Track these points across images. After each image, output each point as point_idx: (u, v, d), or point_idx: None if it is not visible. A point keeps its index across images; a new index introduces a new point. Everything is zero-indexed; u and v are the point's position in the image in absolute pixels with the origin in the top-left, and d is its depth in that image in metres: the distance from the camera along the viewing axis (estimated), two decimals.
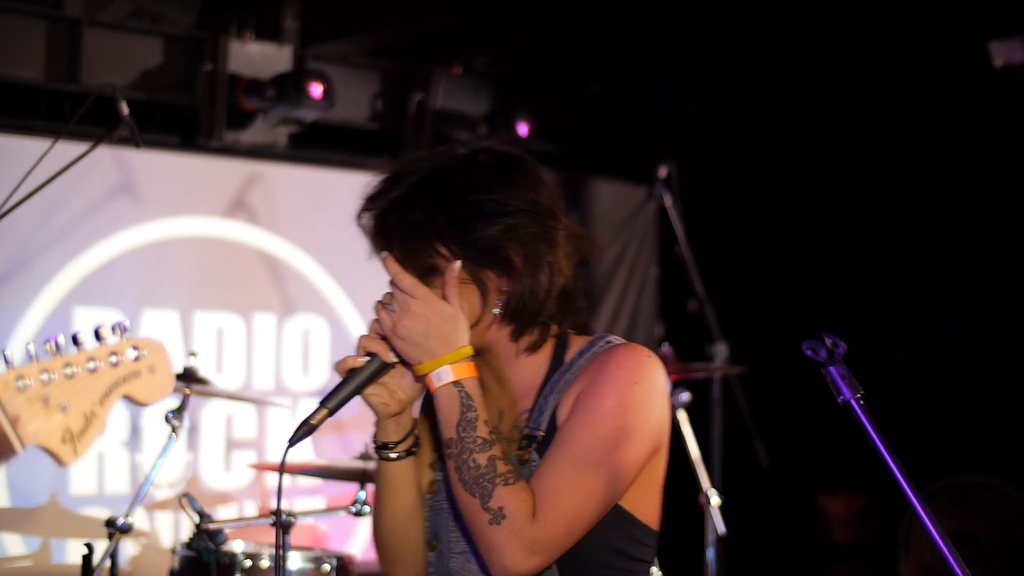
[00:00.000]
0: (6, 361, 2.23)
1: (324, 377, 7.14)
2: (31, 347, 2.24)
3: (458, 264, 2.72)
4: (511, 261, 2.74)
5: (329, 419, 2.84)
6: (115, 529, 4.84)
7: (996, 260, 7.75)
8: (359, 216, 2.84)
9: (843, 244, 8.38)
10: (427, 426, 2.93)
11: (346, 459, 5.48)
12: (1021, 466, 7.46)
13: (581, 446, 2.69)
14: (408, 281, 2.74)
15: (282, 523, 4.74)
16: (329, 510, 5.18)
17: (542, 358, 2.85)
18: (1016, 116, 7.25)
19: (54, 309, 6.41)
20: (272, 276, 7.08)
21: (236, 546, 5.16)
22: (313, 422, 2.72)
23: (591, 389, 2.74)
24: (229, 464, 6.86)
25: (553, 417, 2.78)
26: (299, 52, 6.97)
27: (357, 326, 7.31)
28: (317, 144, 7.32)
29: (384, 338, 2.77)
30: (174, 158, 6.86)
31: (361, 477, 5.07)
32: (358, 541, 7.14)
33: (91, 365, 2.28)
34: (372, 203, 2.81)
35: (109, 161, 6.48)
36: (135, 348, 2.34)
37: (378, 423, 2.86)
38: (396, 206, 2.77)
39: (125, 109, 5.09)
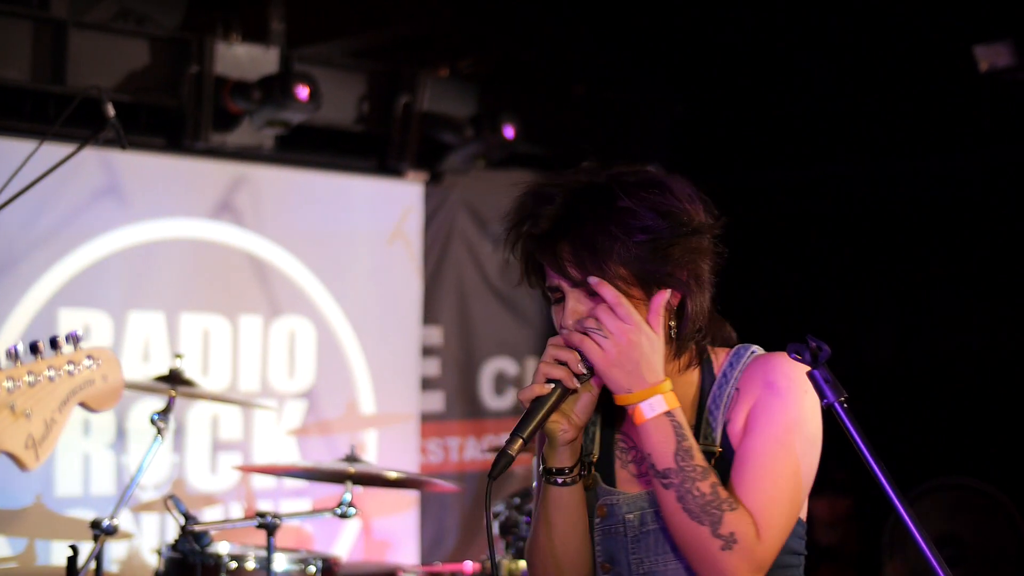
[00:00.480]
0: None
1: (310, 379, 7.14)
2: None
3: (667, 293, 2.72)
4: (684, 282, 2.74)
5: (314, 421, 2.86)
6: (100, 531, 4.84)
7: (981, 263, 7.77)
8: (514, 235, 2.79)
9: (828, 246, 8.40)
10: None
11: (331, 461, 5.48)
12: (1004, 468, 7.49)
13: (778, 461, 2.74)
14: (627, 308, 2.69)
15: (268, 525, 4.76)
16: (315, 512, 5.19)
17: (694, 373, 2.85)
18: (1001, 120, 7.27)
19: (39, 311, 6.41)
20: (258, 278, 7.08)
21: (222, 548, 5.17)
22: (511, 452, 2.67)
23: (768, 404, 2.77)
24: (215, 466, 6.86)
25: (725, 433, 2.80)
26: (285, 54, 6.98)
27: (343, 327, 7.32)
28: (303, 146, 7.32)
29: (563, 363, 2.72)
30: (160, 160, 6.86)
31: (346, 479, 5.07)
32: (343, 542, 7.15)
33: (50, 373, 2.35)
34: (534, 223, 2.75)
35: (95, 163, 6.48)
36: (90, 357, 2.41)
37: (550, 448, 2.81)
38: (567, 226, 2.72)
39: (111, 110, 5.09)
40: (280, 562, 5.13)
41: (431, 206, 7.86)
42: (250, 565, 5.13)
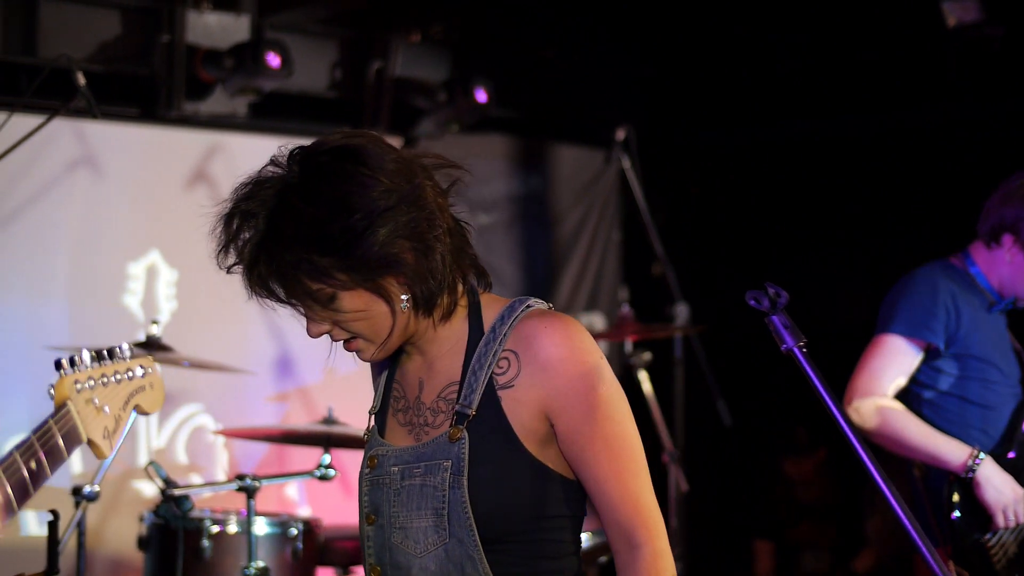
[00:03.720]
0: (70, 365, 2.71)
1: (288, 344, 7.16)
2: (84, 354, 2.76)
3: (391, 283, 2.71)
4: (402, 258, 2.67)
5: (295, 386, 3.00)
6: (82, 497, 4.87)
7: (952, 218, 7.81)
8: (225, 265, 2.84)
9: (801, 204, 8.44)
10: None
11: (309, 423, 5.51)
12: None
13: (622, 448, 2.75)
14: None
15: (247, 488, 4.79)
16: (294, 474, 5.22)
17: (458, 322, 2.83)
18: (968, 75, 7.30)
19: None
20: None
21: (204, 513, 5.21)
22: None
23: (575, 390, 2.73)
24: (195, 433, 6.88)
25: (487, 393, 2.77)
26: (256, 22, 6.97)
27: None
28: (276, 113, 7.32)
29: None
30: (133, 129, 6.86)
31: (325, 441, 5.11)
32: (325, 505, 7.18)
33: (117, 377, 2.80)
34: (237, 253, 2.80)
35: (69, 133, 6.49)
36: (141, 367, 2.91)
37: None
38: (262, 257, 2.74)
39: (81, 79, 5.11)
40: (261, 526, 5.17)
41: None
42: (232, 529, 5.17)
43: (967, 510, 4.51)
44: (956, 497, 4.52)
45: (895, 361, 4.66)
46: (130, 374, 2.84)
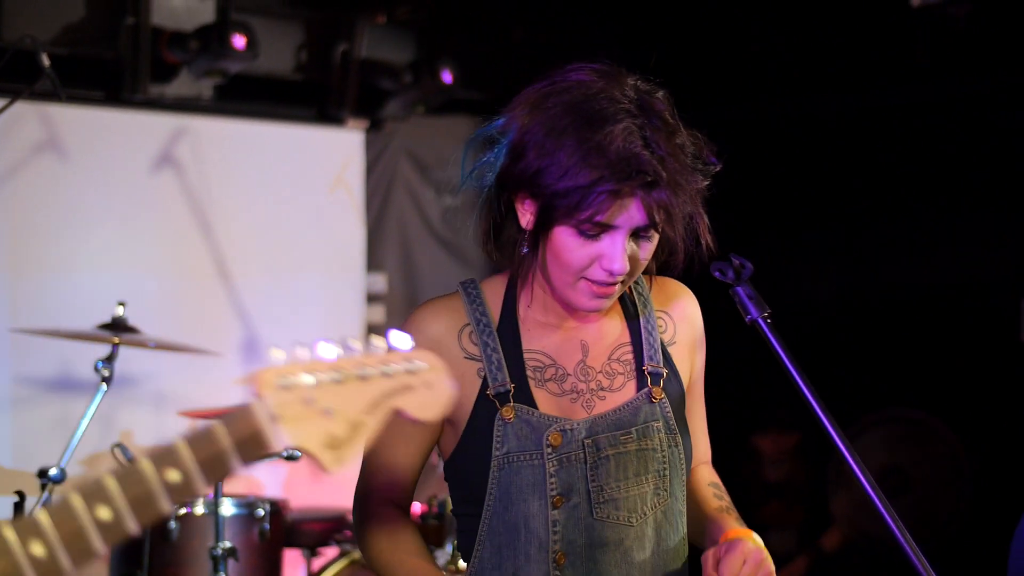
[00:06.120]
0: (282, 356, 2.11)
1: (255, 327, 7.15)
2: (301, 350, 2.12)
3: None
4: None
5: (261, 368, 2.91)
6: (48, 479, 4.86)
7: (921, 197, 7.84)
8: (625, 176, 2.63)
9: (768, 182, 8.46)
10: None
11: None
12: (945, 400, 7.58)
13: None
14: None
15: None
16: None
17: None
18: (935, 54, 7.32)
19: None
20: (201, 228, 7.08)
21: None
22: None
23: (703, 341, 3.02)
24: (161, 414, 6.88)
25: (664, 353, 2.90)
26: (222, 4, 6.94)
27: (287, 276, 7.34)
28: (242, 96, 7.31)
29: None
30: (99, 112, 6.84)
31: None
32: (291, 486, 7.18)
33: (361, 371, 2.14)
34: (655, 170, 2.66)
35: (33, 117, 6.47)
36: (409, 360, 2.18)
37: None
38: (677, 178, 2.71)
39: (46, 61, 5.08)
40: (227, 507, 5.18)
41: (372, 153, 7.88)
42: (199, 510, 5.18)
43: None
44: None
45: None
46: (387, 369, 2.15)
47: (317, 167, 7.60)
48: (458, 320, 2.84)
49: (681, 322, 2.95)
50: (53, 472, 4.84)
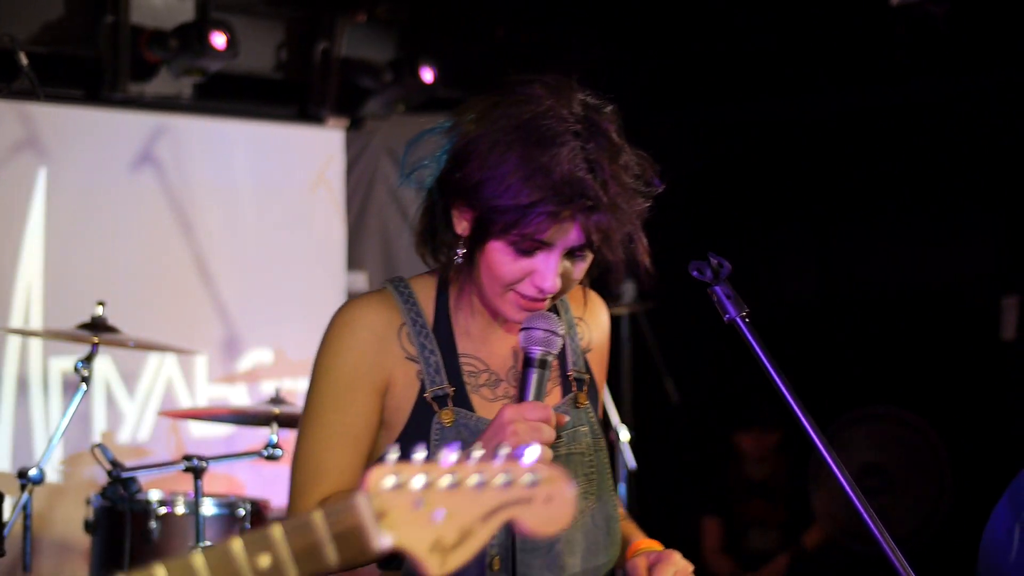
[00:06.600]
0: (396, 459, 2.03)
1: (236, 327, 7.14)
2: (418, 453, 2.05)
3: None
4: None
5: (242, 369, 2.88)
6: (28, 480, 4.85)
7: (901, 195, 7.86)
8: (566, 199, 2.64)
9: (747, 183, 8.47)
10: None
11: (257, 403, 5.50)
12: (926, 397, 7.60)
13: None
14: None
15: (194, 468, 4.78)
16: (241, 454, 5.22)
17: None
18: (914, 53, 7.34)
19: None
20: (181, 227, 7.07)
21: (152, 495, 5.20)
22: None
23: (608, 348, 3.09)
24: (142, 414, 6.86)
25: (585, 359, 2.96)
26: (201, 2, 6.93)
27: (268, 275, 7.32)
28: (223, 95, 7.29)
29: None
30: (78, 111, 6.82)
31: (272, 420, 5.11)
32: (273, 487, 7.17)
33: (476, 479, 2.06)
34: (598, 194, 2.66)
35: (13, 116, 6.45)
36: (532, 473, 2.09)
37: None
38: (615, 200, 2.69)
39: (24, 59, 5.06)
40: (208, 506, 5.17)
41: (353, 152, 7.87)
42: (180, 510, 5.17)
43: None
44: None
45: None
46: (505, 479, 2.07)
47: (298, 166, 7.59)
48: (395, 319, 2.84)
49: (596, 329, 3.03)
50: (33, 473, 4.83)
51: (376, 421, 2.80)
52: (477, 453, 2.04)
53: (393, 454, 2.01)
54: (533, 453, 2.05)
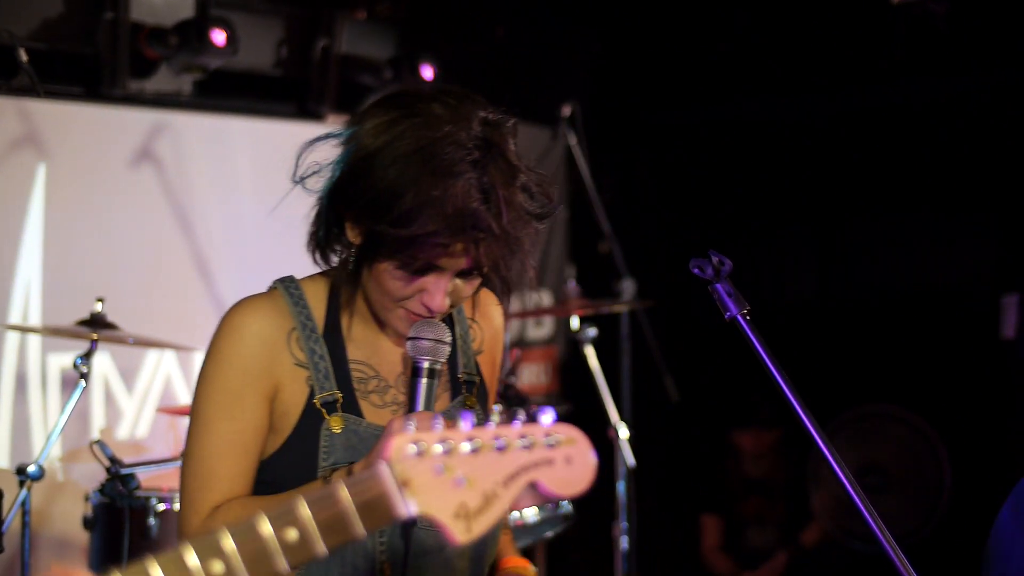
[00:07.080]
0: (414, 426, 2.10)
1: None
2: (438, 419, 2.10)
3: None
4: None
5: None
6: (27, 476, 4.85)
7: (901, 195, 7.86)
8: (456, 228, 2.62)
9: (746, 181, 8.47)
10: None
11: None
12: (925, 397, 7.60)
13: None
14: None
15: None
16: None
17: None
18: (914, 51, 7.34)
19: None
20: (181, 224, 7.07)
21: (150, 492, 5.19)
22: None
23: (501, 350, 3.04)
24: (140, 411, 6.86)
25: (476, 362, 2.96)
26: None
27: (268, 272, 7.31)
28: (222, 92, 7.29)
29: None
30: (78, 108, 6.81)
31: None
32: None
33: (499, 443, 2.10)
34: (489, 224, 2.64)
35: (12, 112, 6.44)
36: (550, 435, 2.13)
37: None
38: (504, 227, 2.66)
39: (23, 56, 5.06)
40: None
41: None
42: (178, 507, 5.16)
43: None
44: None
45: None
46: (525, 442, 2.10)
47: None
48: (285, 322, 2.84)
49: (488, 330, 3.03)
50: (31, 469, 4.83)
51: (265, 427, 2.78)
52: (496, 418, 2.09)
53: (412, 423, 2.05)
54: (550, 414, 2.08)
